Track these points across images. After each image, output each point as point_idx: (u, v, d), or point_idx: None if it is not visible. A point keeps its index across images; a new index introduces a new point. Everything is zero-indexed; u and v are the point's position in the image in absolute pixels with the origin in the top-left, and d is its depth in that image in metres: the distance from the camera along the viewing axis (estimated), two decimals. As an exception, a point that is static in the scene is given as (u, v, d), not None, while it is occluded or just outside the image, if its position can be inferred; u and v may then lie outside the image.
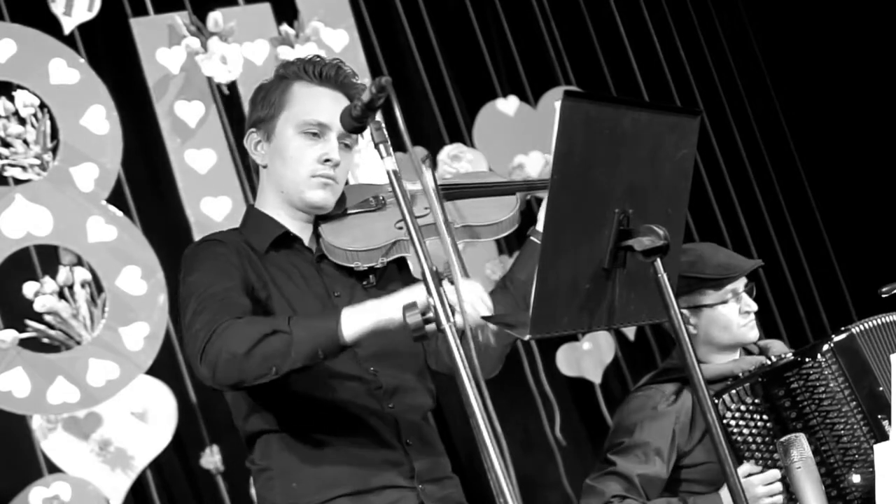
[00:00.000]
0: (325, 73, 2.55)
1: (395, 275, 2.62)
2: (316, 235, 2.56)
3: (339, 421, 2.44)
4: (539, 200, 2.57)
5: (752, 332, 3.12)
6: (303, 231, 2.57)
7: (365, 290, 2.55)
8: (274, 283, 2.49)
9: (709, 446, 3.06)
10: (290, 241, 2.55)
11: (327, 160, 2.50)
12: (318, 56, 2.62)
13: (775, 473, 2.92)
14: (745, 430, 2.96)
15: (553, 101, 4.79)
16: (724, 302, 3.08)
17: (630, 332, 4.80)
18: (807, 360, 2.93)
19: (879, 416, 2.91)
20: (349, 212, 2.58)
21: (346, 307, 2.27)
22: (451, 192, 2.57)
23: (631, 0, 5.24)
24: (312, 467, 2.43)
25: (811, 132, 5.51)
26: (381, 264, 2.51)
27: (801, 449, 2.82)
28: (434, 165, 4.47)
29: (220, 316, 2.30)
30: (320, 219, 2.56)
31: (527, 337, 2.12)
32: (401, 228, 2.51)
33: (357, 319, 2.24)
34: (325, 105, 2.53)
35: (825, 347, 2.94)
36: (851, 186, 5.37)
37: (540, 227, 2.53)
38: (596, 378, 4.68)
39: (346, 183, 2.62)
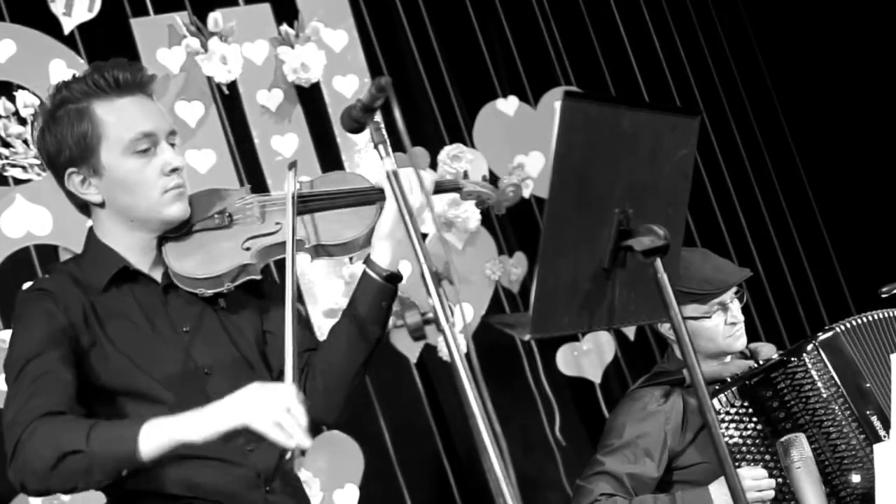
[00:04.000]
0: (120, 79, 2.37)
1: (248, 299, 2.47)
2: (161, 259, 2.40)
3: (195, 473, 2.31)
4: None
5: (737, 343, 3.14)
6: (145, 260, 2.40)
7: (216, 313, 2.42)
8: (107, 337, 2.33)
9: (701, 447, 3.08)
10: (132, 275, 2.39)
11: (173, 169, 2.35)
12: (97, 64, 2.42)
13: (763, 472, 2.93)
14: (736, 434, 2.97)
15: (553, 101, 4.79)
16: (709, 316, 3.09)
17: (630, 332, 4.79)
18: (792, 359, 2.95)
19: (868, 413, 2.92)
20: (194, 229, 2.41)
21: (147, 423, 2.10)
22: (307, 203, 2.43)
23: (631, 0, 5.24)
24: None
25: (811, 132, 5.51)
26: (227, 290, 2.38)
27: (801, 449, 2.83)
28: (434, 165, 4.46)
29: (36, 405, 2.16)
30: (164, 238, 2.40)
31: (527, 337, 2.12)
32: (248, 249, 2.38)
33: (157, 437, 2.09)
34: (138, 114, 2.36)
35: (810, 346, 2.95)
36: (851, 186, 5.37)
37: (375, 256, 2.41)
38: (596, 378, 4.68)
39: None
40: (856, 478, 2.90)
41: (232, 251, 2.38)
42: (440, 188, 2.58)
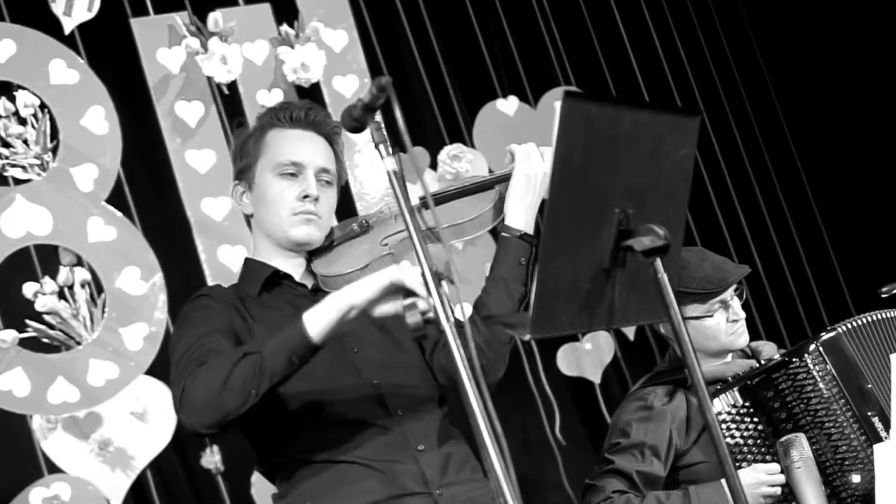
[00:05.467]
0: (294, 115, 2.63)
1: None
2: (311, 273, 2.60)
3: (347, 438, 2.45)
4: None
5: (740, 340, 3.12)
6: (296, 269, 2.62)
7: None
8: (257, 322, 2.52)
9: (705, 447, 3.07)
10: (280, 280, 2.60)
11: (306, 196, 2.56)
12: (289, 102, 2.68)
13: (776, 467, 2.92)
14: (737, 434, 2.96)
15: (553, 101, 4.79)
16: (710, 315, 3.08)
17: (630, 332, 4.80)
18: (794, 360, 2.94)
19: (869, 414, 2.92)
20: (336, 243, 2.62)
21: (305, 312, 2.29)
22: (434, 198, 2.56)
23: (631, 0, 5.24)
24: (326, 485, 2.44)
25: (811, 132, 5.51)
26: None
27: (801, 449, 2.83)
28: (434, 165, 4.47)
29: (194, 364, 2.33)
30: (312, 255, 2.62)
31: (527, 337, 2.12)
32: (385, 245, 2.56)
33: (320, 316, 2.27)
34: (298, 145, 2.61)
35: (812, 347, 2.95)
36: (851, 186, 5.37)
37: (509, 220, 2.60)
38: (596, 378, 4.68)
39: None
40: (856, 478, 2.90)
41: (370, 250, 2.56)
42: None
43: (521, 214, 2.60)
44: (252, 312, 2.54)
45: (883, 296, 3.05)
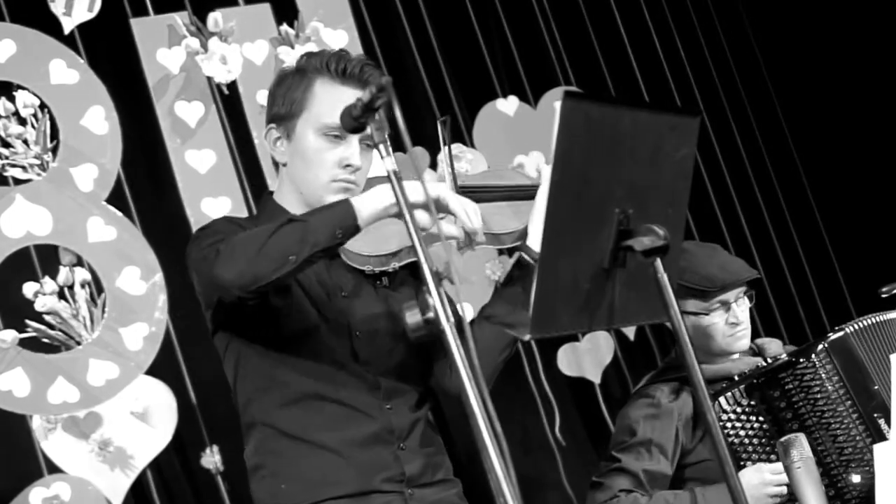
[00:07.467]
0: (348, 70, 2.47)
1: (407, 278, 2.59)
2: None
3: (333, 422, 2.43)
4: None
5: (738, 343, 3.10)
6: None
7: (376, 290, 2.53)
8: None
9: (710, 444, 3.07)
10: None
11: (348, 165, 2.45)
12: (343, 51, 2.54)
13: (780, 466, 2.91)
14: (742, 432, 2.96)
15: (553, 101, 4.79)
16: (707, 313, 3.07)
17: (630, 331, 4.80)
18: (801, 360, 2.93)
19: (875, 415, 2.91)
20: None
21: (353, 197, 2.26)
22: (471, 194, 2.51)
23: (631, 0, 5.24)
24: (301, 469, 2.42)
25: (811, 132, 5.51)
26: (392, 269, 2.48)
27: (801, 449, 2.82)
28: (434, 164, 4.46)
29: (230, 236, 2.30)
30: None
31: (527, 337, 2.11)
32: None
33: (368, 202, 2.25)
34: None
35: (819, 347, 2.94)
36: (851, 187, 5.37)
37: (529, 241, 2.56)
38: (596, 378, 4.68)
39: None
40: (856, 478, 2.90)
41: (399, 234, 2.44)
42: None
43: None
44: None
45: (883, 296, 3.04)
